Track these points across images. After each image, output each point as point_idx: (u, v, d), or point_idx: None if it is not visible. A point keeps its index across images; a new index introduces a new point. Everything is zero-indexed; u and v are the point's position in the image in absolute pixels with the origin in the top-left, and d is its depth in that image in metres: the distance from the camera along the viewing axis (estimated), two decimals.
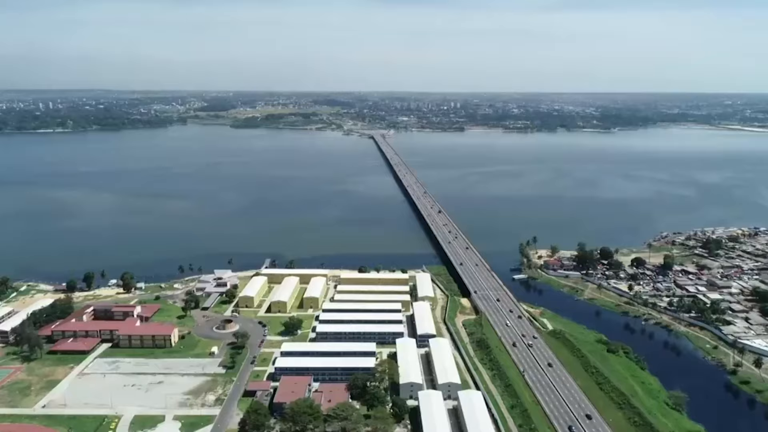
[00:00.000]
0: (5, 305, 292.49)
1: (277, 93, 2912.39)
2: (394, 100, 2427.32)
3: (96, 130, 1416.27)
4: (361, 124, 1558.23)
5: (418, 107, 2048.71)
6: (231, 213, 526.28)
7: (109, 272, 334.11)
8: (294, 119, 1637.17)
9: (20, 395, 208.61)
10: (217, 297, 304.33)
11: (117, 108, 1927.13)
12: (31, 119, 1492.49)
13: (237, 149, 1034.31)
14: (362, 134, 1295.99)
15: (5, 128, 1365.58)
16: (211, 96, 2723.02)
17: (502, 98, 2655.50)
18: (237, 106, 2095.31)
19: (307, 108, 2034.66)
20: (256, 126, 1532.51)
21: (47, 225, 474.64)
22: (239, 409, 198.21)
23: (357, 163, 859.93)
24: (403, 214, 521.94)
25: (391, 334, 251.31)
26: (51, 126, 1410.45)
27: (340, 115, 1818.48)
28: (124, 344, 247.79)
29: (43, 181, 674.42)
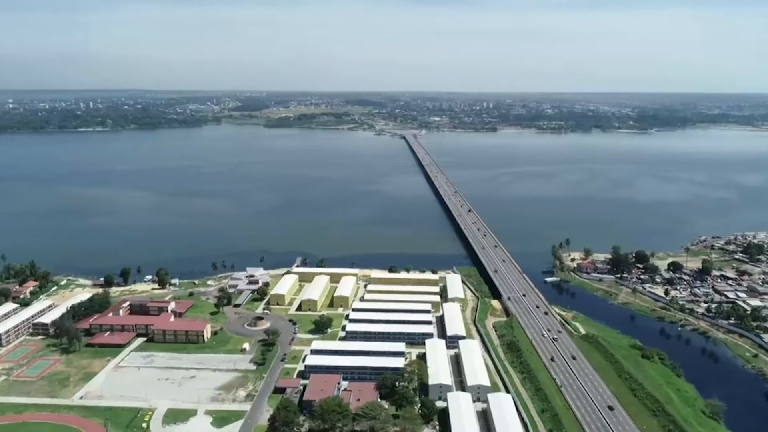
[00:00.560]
0: (46, 299, 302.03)
1: (309, 93, 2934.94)
2: (426, 100, 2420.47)
3: (134, 129, 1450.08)
4: (392, 124, 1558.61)
5: (450, 107, 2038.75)
6: (263, 212, 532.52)
7: (145, 268, 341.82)
8: (326, 119, 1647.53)
9: (59, 386, 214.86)
10: (248, 294, 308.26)
11: (154, 108, 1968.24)
12: (72, 118, 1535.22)
13: (269, 149, 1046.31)
14: (394, 134, 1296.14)
15: (48, 127, 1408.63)
16: (245, 96, 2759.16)
17: (535, 98, 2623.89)
18: (270, 105, 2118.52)
19: (339, 108, 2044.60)
20: (288, 126, 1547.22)
21: (86, 222, 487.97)
22: (269, 405, 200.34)
23: (388, 163, 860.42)
24: (434, 215, 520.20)
25: (421, 334, 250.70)
26: (91, 125, 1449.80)
27: (371, 115, 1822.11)
28: (159, 339, 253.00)
29: (82, 179, 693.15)
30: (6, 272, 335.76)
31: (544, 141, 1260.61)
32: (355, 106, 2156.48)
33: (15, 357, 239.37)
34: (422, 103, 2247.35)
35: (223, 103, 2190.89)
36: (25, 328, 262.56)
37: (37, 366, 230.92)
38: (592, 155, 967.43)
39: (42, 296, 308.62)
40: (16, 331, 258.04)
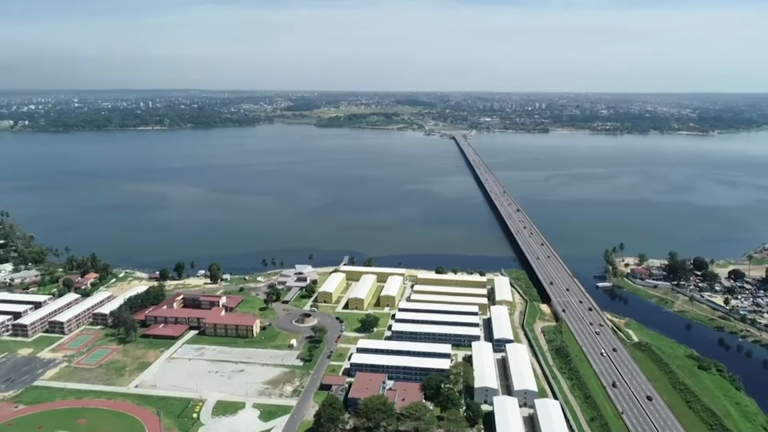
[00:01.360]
0: (105, 290, 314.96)
1: (359, 93, 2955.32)
2: (477, 100, 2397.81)
3: (190, 128, 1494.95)
4: (442, 124, 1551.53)
5: (501, 107, 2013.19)
6: (313, 210, 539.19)
7: (198, 263, 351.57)
8: (376, 119, 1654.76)
9: (116, 374, 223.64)
10: (297, 291, 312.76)
11: (209, 107, 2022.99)
12: (132, 117, 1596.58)
13: (320, 148, 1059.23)
14: (443, 134, 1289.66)
15: (110, 125, 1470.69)
16: (297, 96, 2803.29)
17: (589, 99, 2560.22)
18: (321, 105, 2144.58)
19: (389, 108, 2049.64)
20: (339, 125, 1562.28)
21: (144, 217, 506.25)
22: (315, 401, 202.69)
23: (437, 163, 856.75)
24: (483, 216, 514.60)
25: (467, 336, 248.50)
26: (150, 124, 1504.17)
27: (421, 115, 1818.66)
28: (210, 332, 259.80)
29: (141, 176, 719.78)
30: (69, 264, 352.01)
31: (599, 142, 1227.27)
32: (405, 106, 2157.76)
33: (76, 345, 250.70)
34: (473, 103, 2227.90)
35: (276, 103, 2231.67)
36: (86, 318, 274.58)
37: (96, 354, 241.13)
38: (648, 157, 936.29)
39: (102, 287, 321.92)
40: (78, 320, 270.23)
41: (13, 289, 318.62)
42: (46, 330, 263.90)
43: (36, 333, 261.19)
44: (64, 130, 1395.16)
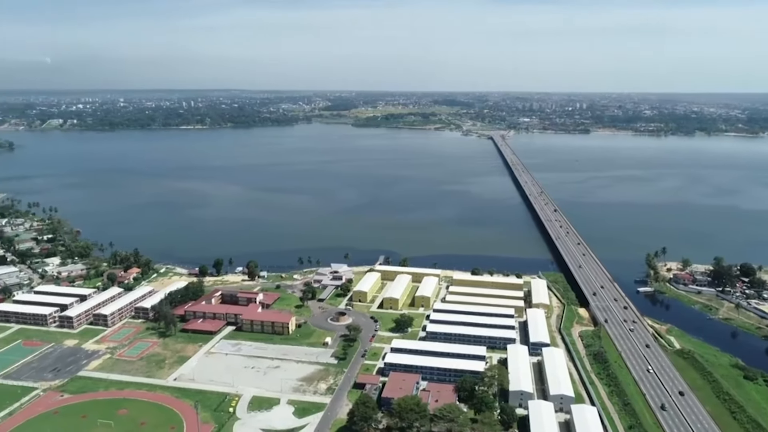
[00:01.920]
0: (147, 285, 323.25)
1: (397, 93, 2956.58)
2: (516, 100, 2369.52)
3: (230, 127, 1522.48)
4: (480, 124, 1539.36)
5: (541, 108, 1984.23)
6: (349, 209, 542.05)
7: (236, 260, 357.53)
8: (413, 119, 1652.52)
9: (156, 367, 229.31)
10: (332, 290, 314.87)
11: (249, 107, 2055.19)
12: (175, 116, 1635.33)
13: (357, 148, 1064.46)
14: (481, 135, 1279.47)
15: (153, 124, 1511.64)
16: (335, 96, 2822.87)
17: (632, 99, 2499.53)
18: (359, 105, 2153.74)
19: (427, 108, 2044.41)
20: (376, 125, 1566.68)
21: (185, 214, 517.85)
22: (348, 399, 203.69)
23: (474, 163, 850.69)
24: (520, 217, 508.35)
25: (503, 339, 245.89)
26: (191, 123, 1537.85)
27: (459, 115, 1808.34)
28: (247, 328, 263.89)
29: (182, 174, 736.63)
30: (113, 258, 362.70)
31: (641, 144, 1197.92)
32: (443, 106, 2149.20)
33: (118, 337, 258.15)
34: (511, 103, 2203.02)
35: (314, 103, 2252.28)
36: (128, 311, 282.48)
37: (138, 347, 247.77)
38: (693, 159, 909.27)
39: (143, 282, 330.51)
40: (120, 313, 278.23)
41: (60, 282, 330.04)
42: (90, 322, 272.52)
43: (81, 325, 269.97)
44: (110, 128, 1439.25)
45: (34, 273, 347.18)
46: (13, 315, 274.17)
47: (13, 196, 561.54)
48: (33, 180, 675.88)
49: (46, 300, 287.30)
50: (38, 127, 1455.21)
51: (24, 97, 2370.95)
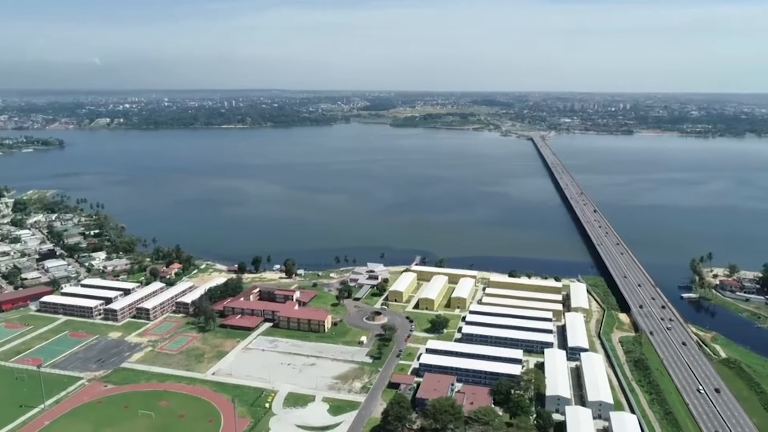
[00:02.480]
0: (188, 280, 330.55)
1: (436, 93, 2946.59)
2: (557, 100, 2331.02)
3: (270, 126, 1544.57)
4: (519, 125, 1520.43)
5: (583, 108, 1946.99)
6: (386, 209, 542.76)
7: (274, 257, 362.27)
8: (451, 119, 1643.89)
9: (195, 361, 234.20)
10: (368, 289, 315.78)
11: (289, 106, 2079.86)
12: (217, 116, 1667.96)
13: (394, 147, 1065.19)
14: (520, 135, 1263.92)
15: (196, 123, 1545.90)
16: (373, 96, 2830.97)
17: (678, 99, 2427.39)
18: (397, 105, 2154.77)
19: (465, 108, 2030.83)
20: (414, 125, 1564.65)
21: (225, 211, 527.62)
22: (383, 399, 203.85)
23: (513, 164, 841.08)
24: (560, 220, 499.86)
25: (540, 343, 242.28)
26: (232, 122, 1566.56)
27: (498, 115, 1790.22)
28: (283, 325, 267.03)
29: (223, 172, 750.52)
30: (156, 254, 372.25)
31: (688, 145, 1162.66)
32: (482, 106, 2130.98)
33: (160, 331, 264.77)
34: (552, 103, 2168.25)
35: (353, 103, 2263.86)
36: (170, 306, 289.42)
37: (178, 341, 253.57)
38: (743, 162, 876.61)
39: (184, 278, 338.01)
40: (162, 307, 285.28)
41: (106, 276, 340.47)
42: (133, 315, 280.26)
43: (125, 318, 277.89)
44: (155, 127, 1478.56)
45: (81, 267, 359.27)
46: (60, 307, 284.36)
47: (63, 192, 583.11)
48: (81, 177, 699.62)
49: (91, 293, 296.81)
50: (87, 126, 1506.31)
51: (74, 96, 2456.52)
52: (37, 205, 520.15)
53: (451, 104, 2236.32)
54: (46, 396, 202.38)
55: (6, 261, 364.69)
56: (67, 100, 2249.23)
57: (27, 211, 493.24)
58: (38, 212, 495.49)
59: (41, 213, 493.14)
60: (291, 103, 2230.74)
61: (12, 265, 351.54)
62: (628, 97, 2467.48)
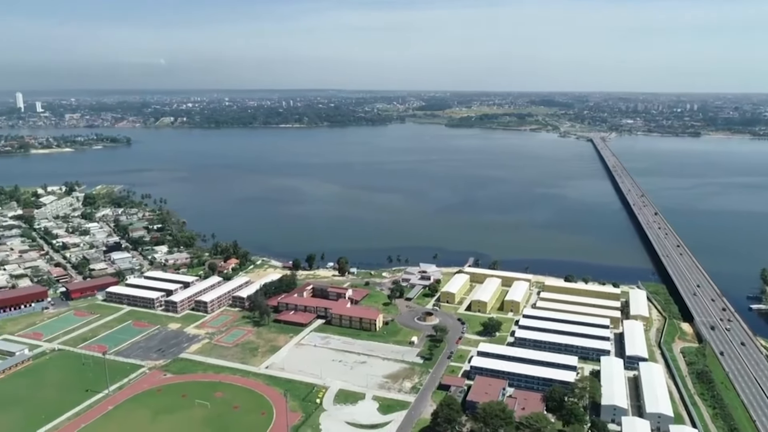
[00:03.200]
0: (244, 275, 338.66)
1: (492, 93, 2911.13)
2: (618, 100, 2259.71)
3: (326, 126, 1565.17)
4: (579, 125, 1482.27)
5: (646, 109, 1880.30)
6: (440, 209, 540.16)
7: (328, 255, 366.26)
8: (508, 119, 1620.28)
9: (249, 354, 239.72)
10: (420, 289, 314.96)
11: (345, 106, 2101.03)
12: (275, 115, 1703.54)
13: (449, 148, 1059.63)
14: (580, 137, 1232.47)
15: (255, 123, 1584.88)
16: (429, 96, 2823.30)
17: (751, 100, 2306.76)
18: (453, 105, 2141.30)
19: (523, 108, 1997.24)
20: (469, 125, 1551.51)
21: (281, 209, 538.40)
22: (433, 400, 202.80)
23: (571, 166, 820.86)
24: (619, 224, 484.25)
25: (596, 350, 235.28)
26: (290, 122, 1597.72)
27: (557, 116, 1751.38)
28: (335, 323, 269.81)
29: (279, 171, 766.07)
30: (214, 249, 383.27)
31: (761, 148, 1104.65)
32: (540, 106, 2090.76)
33: (217, 324, 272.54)
34: (614, 104, 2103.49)
35: (408, 103, 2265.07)
36: (226, 300, 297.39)
37: (234, 334, 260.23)
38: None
39: (241, 273, 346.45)
40: (219, 301, 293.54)
41: (167, 269, 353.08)
42: (192, 308, 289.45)
43: (184, 310, 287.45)
44: (216, 126, 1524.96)
45: (144, 259, 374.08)
46: (125, 297, 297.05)
47: (129, 188, 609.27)
48: (146, 173, 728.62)
49: (154, 285, 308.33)
50: (152, 125, 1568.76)
51: (141, 96, 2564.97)
52: (105, 200, 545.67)
53: (508, 104, 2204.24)
54: (110, 382, 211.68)
55: (76, 252, 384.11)
56: (134, 99, 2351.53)
57: (96, 205, 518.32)
58: (106, 206, 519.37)
59: (109, 207, 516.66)
60: (347, 103, 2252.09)
61: (81, 256, 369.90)
62: (695, 98, 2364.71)
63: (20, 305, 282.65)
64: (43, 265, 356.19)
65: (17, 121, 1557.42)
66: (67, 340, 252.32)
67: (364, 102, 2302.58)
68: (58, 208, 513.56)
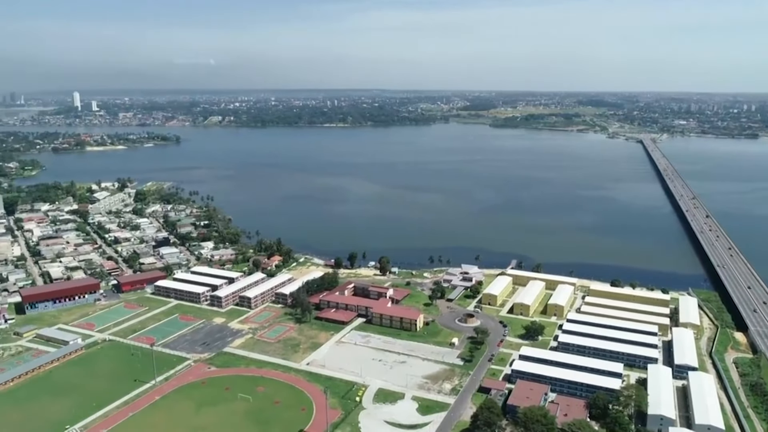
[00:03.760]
0: (287, 272, 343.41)
1: (538, 93, 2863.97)
2: (670, 101, 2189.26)
3: (370, 126, 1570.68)
4: (628, 126, 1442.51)
5: (700, 109, 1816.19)
6: (482, 210, 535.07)
7: (369, 254, 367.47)
8: (555, 120, 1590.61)
9: (291, 350, 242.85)
10: (461, 290, 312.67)
11: (389, 106, 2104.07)
12: (319, 115, 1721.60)
13: (493, 148, 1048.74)
14: (629, 138, 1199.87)
15: (300, 122, 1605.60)
16: (473, 95, 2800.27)
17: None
18: (498, 105, 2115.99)
19: (570, 108, 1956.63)
20: (515, 126, 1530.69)
21: (324, 207, 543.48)
22: (472, 402, 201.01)
23: (619, 168, 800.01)
24: (669, 228, 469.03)
25: (643, 358, 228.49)
26: (334, 121, 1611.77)
27: (605, 116, 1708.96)
28: (376, 322, 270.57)
29: (322, 170, 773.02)
30: (259, 246, 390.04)
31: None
32: (588, 106, 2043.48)
33: (260, 320, 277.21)
34: (665, 104, 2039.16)
35: (452, 103, 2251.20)
36: (269, 296, 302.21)
37: (276, 330, 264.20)
38: None
39: (284, 270, 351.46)
40: (262, 297, 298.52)
41: (212, 264, 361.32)
42: (236, 303, 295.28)
43: (228, 305, 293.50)
44: (262, 125, 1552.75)
45: (191, 255, 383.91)
46: (172, 291, 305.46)
47: (177, 185, 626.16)
48: (194, 171, 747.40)
49: (200, 280, 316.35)
50: (201, 123, 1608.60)
51: (190, 95, 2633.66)
52: (155, 196, 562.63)
53: (554, 104, 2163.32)
54: (157, 373, 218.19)
55: (127, 246, 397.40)
56: (184, 99, 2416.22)
57: (146, 201, 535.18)
58: (156, 203, 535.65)
59: (158, 203, 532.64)
60: (391, 103, 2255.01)
61: (132, 251, 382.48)
62: (753, 98, 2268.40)
63: (74, 296, 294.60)
64: (96, 258, 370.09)
65: (74, 120, 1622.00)
66: (117, 331, 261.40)
67: (408, 102, 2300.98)
68: (110, 203, 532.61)
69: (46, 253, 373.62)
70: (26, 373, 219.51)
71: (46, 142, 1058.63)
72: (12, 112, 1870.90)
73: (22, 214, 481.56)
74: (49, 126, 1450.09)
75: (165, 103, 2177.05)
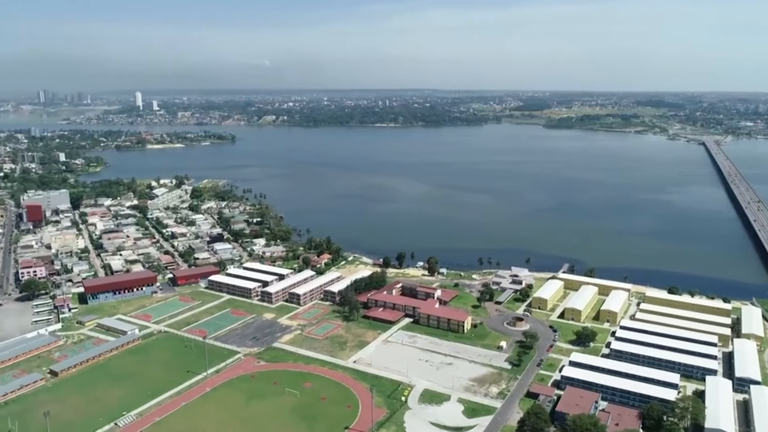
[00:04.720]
0: (336, 270, 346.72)
1: (595, 93, 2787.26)
2: (736, 101, 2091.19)
3: (421, 126, 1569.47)
4: (690, 128, 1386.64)
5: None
6: (534, 212, 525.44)
7: (418, 254, 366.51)
8: (611, 121, 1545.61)
9: (338, 348, 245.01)
10: (511, 293, 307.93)
11: (440, 106, 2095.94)
12: (371, 115, 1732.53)
13: (546, 149, 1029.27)
14: (690, 140, 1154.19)
15: (351, 122, 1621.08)
16: (527, 96, 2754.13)
17: None
18: (552, 105, 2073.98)
19: (628, 109, 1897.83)
20: (569, 127, 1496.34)
21: (374, 207, 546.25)
22: (520, 407, 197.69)
23: (679, 171, 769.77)
24: (732, 234, 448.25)
25: (701, 368, 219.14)
26: (385, 121, 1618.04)
27: (665, 117, 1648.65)
28: (423, 322, 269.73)
29: (373, 169, 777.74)
30: (309, 244, 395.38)
31: None
32: (647, 107, 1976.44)
33: (308, 316, 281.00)
34: (731, 105, 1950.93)
35: (505, 103, 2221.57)
36: (318, 293, 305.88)
37: (324, 327, 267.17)
38: None
39: (333, 268, 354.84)
40: (311, 294, 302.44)
41: (264, 261, 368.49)
42: (286, 299, 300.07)
43: (278, 301, 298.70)
44: (314, 125, 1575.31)
45: (243, 251, 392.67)
46: (225, 286, 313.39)
47: (232, 182, 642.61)
48: (248, 169, 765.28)
49: (251, 276, 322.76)
50: (255, 123, 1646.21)
51: (246, 95, 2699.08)
52: (210, 193, 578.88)
53: (611, 105, 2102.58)
54: (209, 365, 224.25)
55: (183, 241, 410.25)
56: (239, 98, 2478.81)
57: (202, 198, 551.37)
58: (211, 199, 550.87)
59: (213, 200, 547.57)
60: (442, 103, 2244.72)
61: (187, 246, 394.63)
62: None
63: (133, 288, 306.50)
64: (153, 252, 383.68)
65: (136, 119, 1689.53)
66: (172, 323, 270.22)
67: (459, 102, 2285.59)
68: (168, 199, 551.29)
69: (107, 246, 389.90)
70: (87, 360, 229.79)
71: (109, 139, 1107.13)
72: (79, 111, 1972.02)
73: (87, 208, 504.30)
74: (113, 124, 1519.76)
75: (221, 102, 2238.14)
